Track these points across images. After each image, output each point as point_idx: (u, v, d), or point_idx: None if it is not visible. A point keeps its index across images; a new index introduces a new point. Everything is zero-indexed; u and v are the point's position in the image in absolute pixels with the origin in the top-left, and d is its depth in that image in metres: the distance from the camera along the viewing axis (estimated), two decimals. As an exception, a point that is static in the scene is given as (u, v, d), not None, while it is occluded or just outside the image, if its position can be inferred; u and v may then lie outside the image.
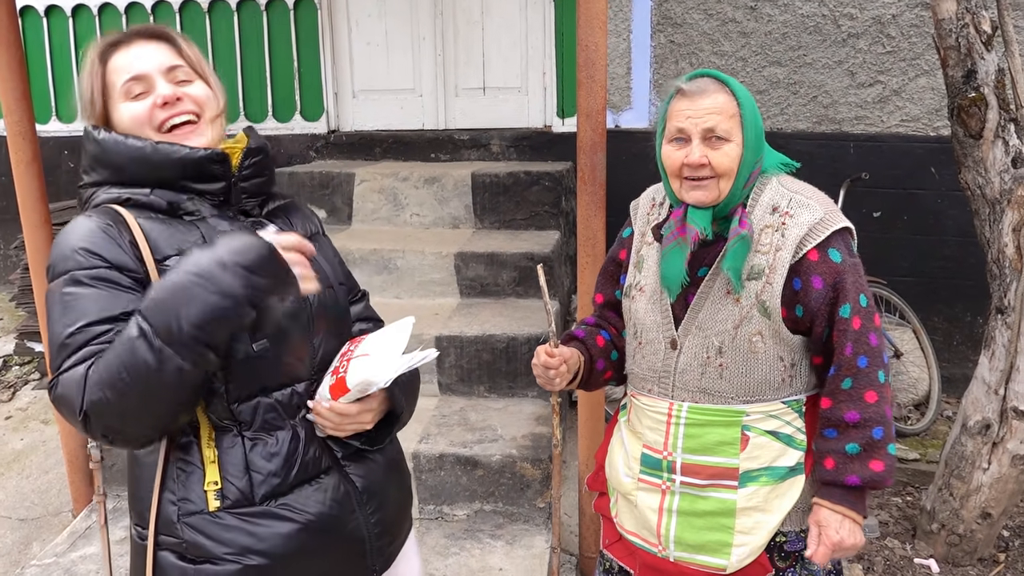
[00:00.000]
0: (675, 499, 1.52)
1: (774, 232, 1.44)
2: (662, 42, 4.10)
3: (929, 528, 2.93)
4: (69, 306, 1.16)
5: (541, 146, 4.31)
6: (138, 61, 1.30)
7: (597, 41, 2.20)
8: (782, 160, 1.54)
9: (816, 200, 1.46)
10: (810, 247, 1.42)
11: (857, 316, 1.42)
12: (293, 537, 1.25)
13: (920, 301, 3.99)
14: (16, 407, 4.02)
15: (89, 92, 1.32)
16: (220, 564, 1.22)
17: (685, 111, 1.44)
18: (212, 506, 1.22)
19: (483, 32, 4.40)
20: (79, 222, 1.23)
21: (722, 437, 1.48)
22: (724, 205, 1.47)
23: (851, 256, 1.45)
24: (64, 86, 4.81)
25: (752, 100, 1.47)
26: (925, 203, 3.98)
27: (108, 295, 1.17)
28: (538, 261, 3.47)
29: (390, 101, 4.54)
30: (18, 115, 2.56)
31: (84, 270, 1.17)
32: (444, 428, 2.86)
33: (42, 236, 2.67)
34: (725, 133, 1.43)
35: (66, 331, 1.15)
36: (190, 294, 1.10)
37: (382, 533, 1.38)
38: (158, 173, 1.27)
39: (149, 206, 1.27)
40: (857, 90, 3.94)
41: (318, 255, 1.37)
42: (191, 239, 1.26)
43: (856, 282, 1.43)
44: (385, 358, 1.26)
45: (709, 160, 1.43)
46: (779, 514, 1.48)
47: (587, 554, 2.66)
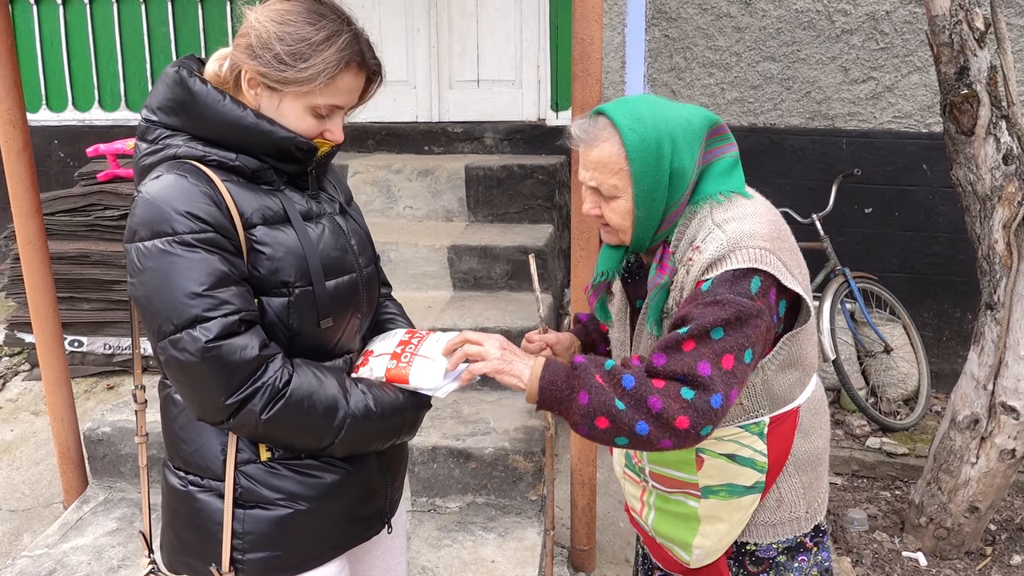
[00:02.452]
0: (652, 495, 1.57)
1: (683, 269, 1.34)
2: (657, 36, 4.10)
3: (917, 522, 2.96)
4: (184, 267, 1.17)
5: (535, 139, 4.31)
6: (348, 95, 1.28)
7: (593, 34, 2.20)
8: (727, 188, 1.36)
9: (731, 233, 1.29)
10: (697, 281, 1.30)
11: (692, 340, 1.24)
12: (333, 485, 1.33)
13: (910, 297, 4.02)
14: (6, 398, 4.00)
15: (307, 76, 1.22)
16: (271, 509, 1.30)
17: (581, 159, 1.36)
18: (263, 456, 1.30)
19: (477, 24, 4.38)
20: (173, 180, 1.21)
21: (679, 456, 1.46)
22: (636, 246, 1.40)
23: (733, 293, 1.25)
24: (55, 74, 4.77)
25: (656, 146, 1.29)
26: (916, 199, 4.00)
27: (219, 259, 1.19)
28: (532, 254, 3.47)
29: (384, 93, 4.44)
30: (8, 103, 2.53)
31: (194, 234, 1.18)
32: (437, 421, 2.86)
33: (33, 226, 2.65)
34: (610, 190, 1.33)
35: (188, 291, 1.17)
36: (370, 442, 1.35)
37: (393, 481, 1.49)
38: (246, 142, 1.26)
39: (233, 170, 1.27)
40: (850, 86, 3.95)
41: (360, 229, 1.45)
42: (272, 206, 1.28)
43: (717, 314, 1.24)
44: (443, 370, 1.33)
45: (602, 212, 1.37)
46: (736, 525, 1.48)
47: (578, 546, 2.68)
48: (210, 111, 1.25)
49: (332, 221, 1.38)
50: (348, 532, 1.40)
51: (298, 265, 1.27)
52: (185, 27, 4.65)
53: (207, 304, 1.17)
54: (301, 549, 1.33)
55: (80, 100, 4.77)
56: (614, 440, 1.26)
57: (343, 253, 1.36)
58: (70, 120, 4.77)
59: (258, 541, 1.30)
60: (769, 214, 1.37)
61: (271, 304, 1.26)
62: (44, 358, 2.80)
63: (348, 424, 1.27)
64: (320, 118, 1.28)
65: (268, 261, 1.25)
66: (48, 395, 2.85)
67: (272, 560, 1.31)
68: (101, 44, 4.69)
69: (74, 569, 2.44)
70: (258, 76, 1.25)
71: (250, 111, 1.26)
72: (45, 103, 4.81)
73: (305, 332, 1.30)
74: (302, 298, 1.27)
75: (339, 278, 1.34)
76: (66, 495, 2.93)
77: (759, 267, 1.27)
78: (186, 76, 1.26)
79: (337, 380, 1.29)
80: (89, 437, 2.86)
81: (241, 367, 1.18)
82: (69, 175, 4.43)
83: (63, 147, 4.77)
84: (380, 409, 1.31)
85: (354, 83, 1.28)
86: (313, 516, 1.33)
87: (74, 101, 4.77)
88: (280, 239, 1.27)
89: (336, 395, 1.27)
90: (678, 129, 1.31)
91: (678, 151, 1.31)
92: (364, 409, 1.29)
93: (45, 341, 2.78)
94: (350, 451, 1.33)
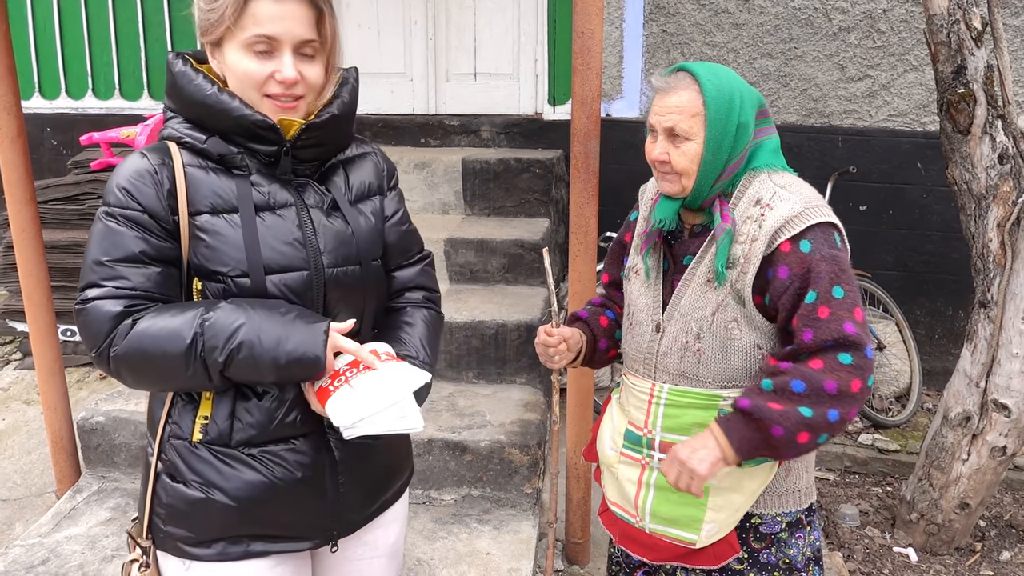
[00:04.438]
0: (653, 474, 1.57)
1: (753, 223, 1.45)
2: (654, 31, 4.10)
3: (908, 518, 2.98)
4: (104, 237, 1.26)
5: (532, 133, 4.31)
6: (279, 23, 1.23)
7: (593, 28, 2.20)
8: (779, 163, 1.53)
9: (800, 195, 1.45)
10: (783, 239, 1.42)
11: (825, 305, 1.38)
12: (256, 486, 1.31)
13: (903, 295, 4.04)
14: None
15: (218, 16, 1.24)
16: (189, 488, 1.32)
17: (655, 107, 1.48)
18: (195, 437, 1.31)
19: (475, 17, 4.37)
20: (133, 160, 1.29)
21: (698, 419, 1.51)
22: (693, 198, 1.50)
23: (829, 248, 1.41)
24: (48, 61, 4.73)
25: (728, 97, 1.43)
26: (911, 198, 4.02)
27: (136, 237, 1.25)
28: (528, 248, 3.47)
29: (381, 84, 4.50)
30: (3, 89, 2.51)
31: (122, 209, 1.25)
32: (433, 413, 2.86)
33: (27, 214, 2.63)
34: (684, 132, 1.44)
35: (95, 257, 1.25)
36: (240, 351, 1.21)
37: (350, 503, 1.41)
38: (217, 122, 1.28)
39: (202, 153, 1.30)
40: (847, 84, 3.96)
41: (347, 229, 1.36)
42: (225, 194, 1.29)
43: (831, 272, 1.38)
44: (370, 407, 1.21)
45: (670, 157, 1.46)
46: (748, 496, 1.51)
47: (573, 539, 2.69)
48: (184, 92, 1.28)
49: (302, 214, 1.32)
50: (272, 537, 1.35)
51: (236, 256, 1.26)
52: (180, 15, 4.62)
53: (105, 273, 1.24)
54: (214, 537, 1.33)
55: (73, 88, 4.72)
56: (818, 442, 1.38)
57: (296, 248, 1.30)
58: (63, 108, 4.73)
59: (176, 516, 1.33)
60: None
61: (209, 290, 1.28)
62: (37, 347, 2.78)
63: (208, 321, 1.20)
64: (261, 56, 1.25)
65: (206, 249, 1.26)
66: (41, 384, 2.84)
67: (188, 540, 1.33)
68: (95, 31, 4.65)
69: (67, 558, 2.43)
70: (204, 40, 1.28)
71: (215, 87, 1.26)
72: (38, 90, 4.76)
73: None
74: (238, 289, 1.26)
75: (284, 274, 1.28)
76: (59, 484, 2.91)
77: (835, 222, 1.45)
78: (172, 59, 1.29)
79: (193, 307, 1.24)
80: (83, 427, 2.84)
81: (105, 320, 1.22)
82: (62, 163, 4.39)
83: (56, 135, 4.73)
84: (246, 309, 1.22)
85: (277, 8, 1.23)
86: (229, 510, 1.31)
87: (67, 89, 4.73)
88: (221, 229, 1.27)
89: (194, 308, 1.23)
90: (744, 90, 1.47)
91: (744, 107, 1.45)
92: (224, 310, 1.22)
93: (39, 330, 2.76)
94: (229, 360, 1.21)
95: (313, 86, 1.30)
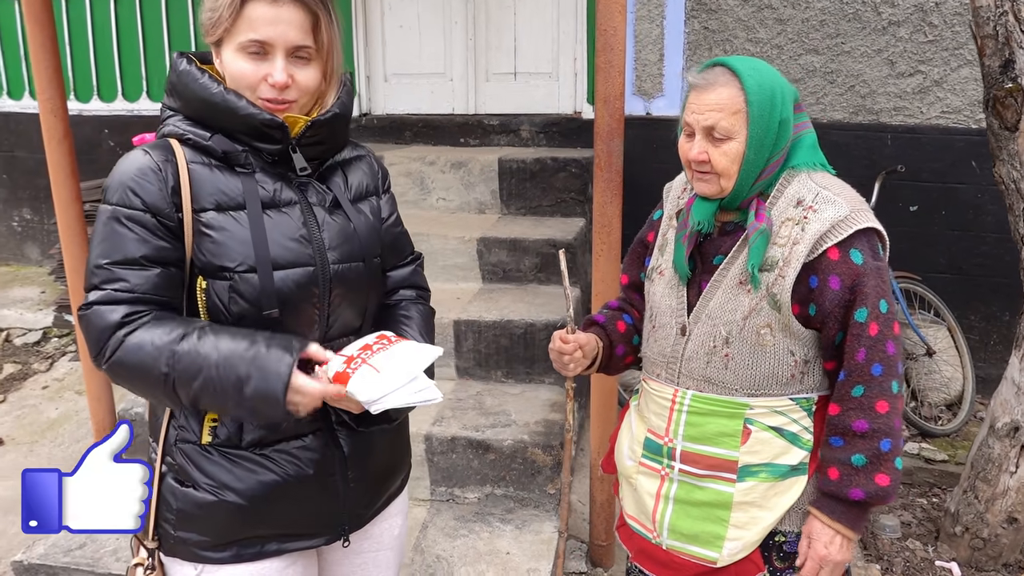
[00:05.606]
0: (673, 486, 1.50)
1: (794, 225, 1.38)
2: (696, 28, 4.03)
3: (953, 531, 2.86)
4: (104, 238, 1.25)
5: (570, 132, 4.28)
6: (273, 27, 1.25)
7: (616, 25, 2.17)
8: (819, 160, 1.46)
9: (845, 197, 1.40)
10: (830, 244, 1.36)
11: (875, 322, 1.36)
12: (269, 485, 1.32)
13: (956, 298, 3.88)
14: (53, 377, 4.16)
15: (217, 16, 1.27)
16: (200, 492, 1.31)
17: (692, 105, 1.41)
18: (204, 439, 1.31)
19: (515, 16, 4.37)
20: (136, 157, 1.28)
21: (723, 428, 1.45)
22: (731, 199, 1.43)
23: (875, 259, 1.38)
24: (106, 65, 4.92)
25: (770, 93, 1.37)
26: (965, 197, 3.85)
27: (136, 239, 1.24)
28: (560, 248, 3.45)
29: (421, 85, 4.55)
30: (49, 93, 2.62)
31: (124, 208, 1.24)
32: (459, 412, 2.87)
33: (73, 212, 2.75)
34: (725, 132, 1.37)
35: (96, 261, 1.25)
36: (204, 393, 1.22)
37: (360, 497, 1.43)
38: (221, 120, 1.29)
39: (205, 150, 1.30)
40: (896, 80, 3.82)
41: (350, 226, 1.38)
42: (230, 191, 1.29)
43: (878, 286, 1.36)
44: (391, 383, 1.26)
45: (709, 157, 1.40)
46: (776, 512, 1.45)
47: (597, 542, 2.66)
48: (188, 90, 1.29)
49: (306, 211, 1.34)
50: (286, 536, 1.37)
51: (243, 252, 1.27)
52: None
53: (104, 276, 1.24)
54: (230, 540, 1.33)
55: (129, 90, 4.91)
56: (896, 466, 1.38)
57: (302, 245, 1.32)
58: (120, 110, 4.92)
59: (188, 520, 1.31)
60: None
61: (215, 287, 1.27)
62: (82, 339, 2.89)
63: (176, 365, 1.20)
64: (254, 59, 1.27)
65: (212, 245, 1.27)
66: (86, 375, 2.96)
67: (201, 543, 1.32)
68: (150, 37, 4.82)
69: (103, 544, 2.52)
70: (207, 40, 1.30)
71: (221, 87, 1.28)
72: (96, 93, 4.97)
73: (248, 319, 1.28)
74: (244, 284, 1.26)
75: (290, 269, 1.30)
76: (102, 472, 3.03)
77: (879, 228, 1.41)
78: (177, 58, 1.31)
79: (183, 325, 1.23)
80: (123, 417, 2.95)
81: (103, 329, 1.22)
82: (118, 163, 4.57)
83: (113, 136, 4.92)
84: (214, 345, 1.21)
85: (271, 13, 1.25)
86: (243, 511, 1.31)
87: (123, 91, 4.92)
88: (228, 225, 1.27)
89: (171, 337, 1.21)
90: (784, 85, 1.41)
91: (786, 103, 1.39)
92: (193, 344, 1.21)
93: (84, 323, 2.88)
94: (194, 401, 1.23)
95: (306, 90, 1.32)
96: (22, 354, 4.41)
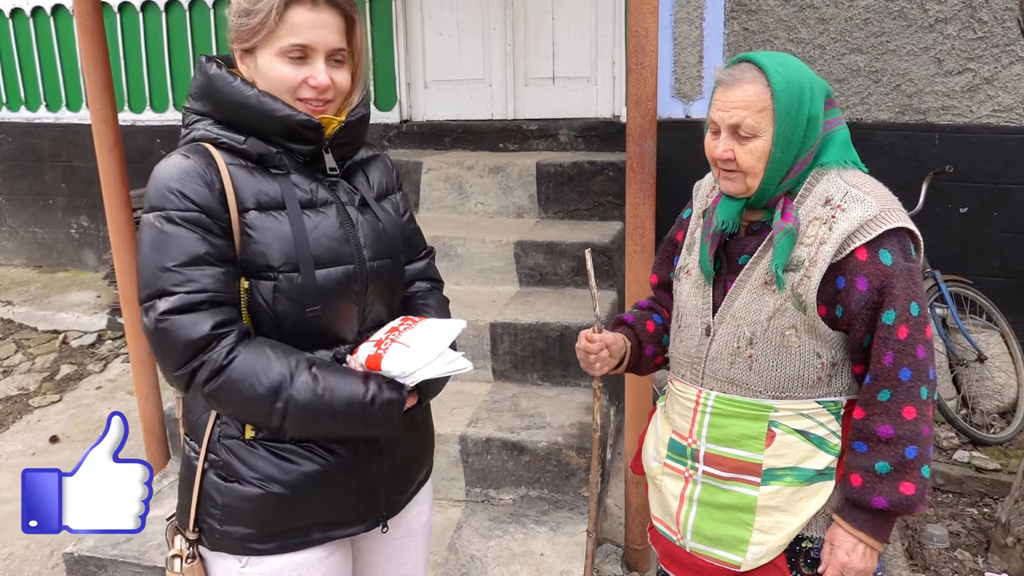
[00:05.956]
0: (697, 488, 1.49)
1: (821, 225, 1.35)
2: (736, 30, 3.99)
3: (1004, 542, 2.76)
4: (162, 242, 1.24)
5: (608, 136, 4.27)
6: (315, 31, 1.29)
7: (648, 26, 2.17)
8: (851, 158, 1.43)
9: (875, 196, 1.35)
10: (858, 244, 1.33)
11: (904, 325, 1.32)
12: (312, 475, 1.34)
13: (1010, 303, 3.75)
14: (107, 378, 4.31)
15: (256, 23, 1.29)
16: (245, 486, 1.33)
17: (717, 102, 1.39)
18: (248, 434, 1.33)
19: (553, 21, 4.39)
20: (176, 161, 1.28)
21: (747, 430, 1.43)
22: (758, 198, 1.41)
23: (906, 260, 1.34)
24: (158, 77, 5.10)
25: (798, 89, 1.34)
26: (1018, 198, 3.73)
27: (197, 239, 1.25)
28: (598, 251, 3.45)
29: (460, 91, 4.59)
30: (101, 103, 2.72)
31: (179, 211, 1.24)
32: (494, 413, 2.89)
33: (122, 217, 2.85)
34: (750, 129, 1.35)
35: (160, 264, 1.24)
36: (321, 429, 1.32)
37: (394, 483, 1.48)
38: (255, 123, 1.31)
39: (241, 153, 1.32)
40: (944, 78, 3.72)
41: (380, 223, 1.42)
42: (270, 192, 1.32)
43: (908, 288, 1.32)
44: (423, 357, 1.32)
45: (734, 155, 1.37)
46: (802, 517, 1.42)
47: (632, 546, 2.64)
48: (221, 93, 1.31)
49: (341, 211, 1.38)
50: (330, 522, 1.40)
51: (286, 251, 1.29)
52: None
53: (174, 279, 1.23)
54: (277, 531, 1.35)
55: (180, 101, 5.08)
56: (923, 474, 1.34)
57: (341, 243, 1.35)
58: (171, 120, 5.09)
59: (234, 515, 1.33)
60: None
61: (259, 287, 1.29)
62: (131, 340, 3.00)
63: (291, 407, 1.25)
64: (295, 63, 1.30)
65: (255, 245, 1.29)
66: (135, 375, 3.06)
67: (248, 536, 1.34)
68: (200, 49, 4.98)
69: (149, 537, 2.60)
70: (236, 46, 1.32)
71: (256, 90, 1.30)
72: (149, 104, 5.14)
73: (292, 317, 1.31)
74: (288, 284, 1.29)
75: (332, 268, 1.33)
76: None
77: (911, 227, 1.36)
78: (205, 62, 1.34)
79: (288, 362, 1.27)
80: (169, 415, 3.04)
81: (188, 343, 1.22)
82: (169, 172, 4.72)
83: (164, 145, 5.08)
84: (329, 397, 1.27)
85: (312, 17, 1.29)
86: (288, 502, 1.33)
87: (174, 102, 5.09)
88: (270, 225, 1.30)
89: (281, 377, 1.24)
90: (813, 80, 1.37)
91: (815, 99, 1.36)
92: (309, 395, 1.26)
93: (133, 324, 2.98)
94: (302, 434, 1.32)
95: (342, 91, 1.36)
96: (78, 355, 4.58)
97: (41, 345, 4.72)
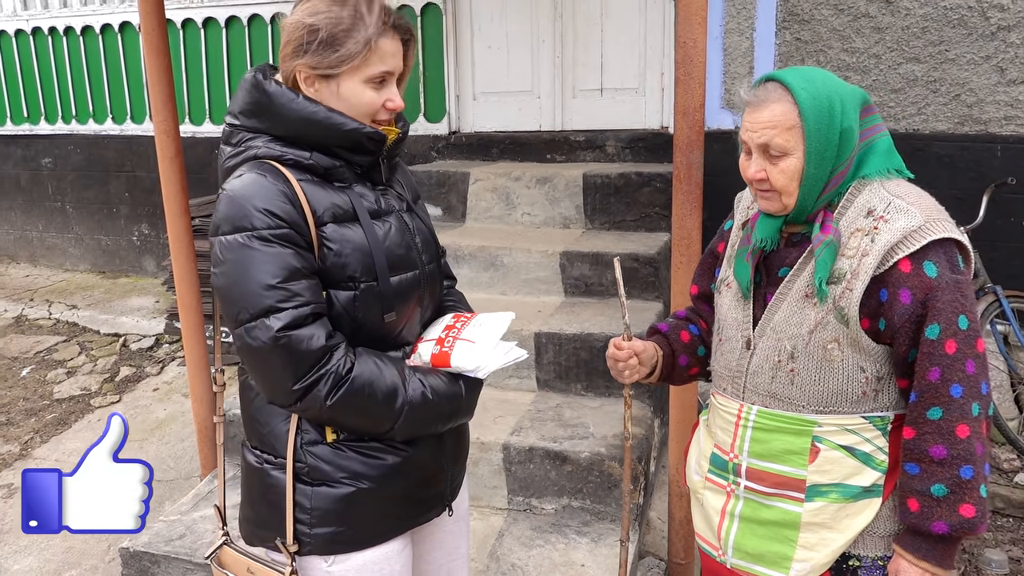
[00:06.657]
0: (739, 503, 1.47)
1: (863, 236, 1.33)
2: (787, 40, 3.94)
3: (1067, 569, 2.65)
4: (260, 260, 1.26)
5: (656, 148, 4.26)
6: (394, 58, 1.38)
7: (696, 37, 2.16)
8: (894, 166, 1.40)
9: (919, 206, 1.32)
10: (901, 256, 1.29)
11: (952, 339, 1.28)
12: (395, 466, 1.41)
13: (1076, 320, 3.60)
14: (163, 380, 4.45)
15: (345, 54, 1.32)
16: (336, 487, 1.38)
17: (746, 123, 1.38)
18: (329, 438, 1.38)
19: (602, 33, 4.40)
20: (254, 179, 1.30)
21: (790, 446, 1.41)
22: (796, 214, 1.39)
23: (952, 272, 1.30)
24: (218, 90, 5.27)
25: (827, 104, 1.32)
26: (1085, 211, 3.58)
27: (292, 254, 1.28)
28: (643, 262, 3.43)
29: (509, 103, 4.64)
30: (164, 115, 2.83)
31: (270, 229, 1.27)
32: (537, 423, 2.89)
33: (181, 225, 2.95)
34: (780, 149, 1.33)
35: (263, 282, 1.25)
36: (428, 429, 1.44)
37: (453, 465, 1.57)
38: (320, 137, 1.35)
39: (307, 168, 1.35)
40: (1007, 88, 3.61)
41: (424, 227, 1.51)
42: (342, 205, 1.37)
43: (955, 301, 1.28)
44: (486, 350, 1.42)
45: (767, 175, 1.36)
46: (848, 534, 1.39)
47: (676, 560, 2.61)
48: (286, 110, 1.34)
49: (399, 219, 1.45)
50: (409, 512, 1.47)
51: (364, 261, 1.35)
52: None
53: (280, 296, 1.25)
54: (365, 526, 1.40)
55: (238, 114, 5.24)
56: (981, 494, 1.30)
57: (408, 250, 1.43)
58: (229, 132, 5.25)
59: (325, 517, 1.38)
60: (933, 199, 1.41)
61: (338, 297, 1.34)
62: (188, 344, 3.09)
63: (406, 410, 1.34)
64: (377, 88, 1.36)
65: (336, 257, 1.33)
66: (191, 378, 3.15)
67: (338, 535, 1.38)
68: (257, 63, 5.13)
69: (200, 536, 2.67)
70: (310, 70, 1.34)
71: (322, 106, 1.34)
72: (208, 116, 5.31)
73: (369, 324, 1.37)
74: (367, 292, 1.35)
75: (403, 274, 1.41)
76: (203, 470, 3.21)
77: (959, 238, 1.33)
78: (262, 79, 1.37)
79: (396, 369, 1.36)
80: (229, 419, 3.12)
81: (308, 355, 1.26)
82: (226, 182, 4.88)
83: (222, 156, 5.25)
84: (436, 396, 1.38)
85: (394, 46, 1.37)
86: (376, 495, 1.39)
87: (233, 115, 5.25)
88: (348, 236, 1.34)
89: (395, 383, 1.34)
90: (844, 91, 1.35)
91: (847, 111, 1.34)
92: (420, 396, 1.36)
93: (189, 328, 3.07)
94: (410, 435, 1.39)
95: (401, 107, 1.43)
96: (136, 358, 4.74)
97: (103, 347, 4.90)
